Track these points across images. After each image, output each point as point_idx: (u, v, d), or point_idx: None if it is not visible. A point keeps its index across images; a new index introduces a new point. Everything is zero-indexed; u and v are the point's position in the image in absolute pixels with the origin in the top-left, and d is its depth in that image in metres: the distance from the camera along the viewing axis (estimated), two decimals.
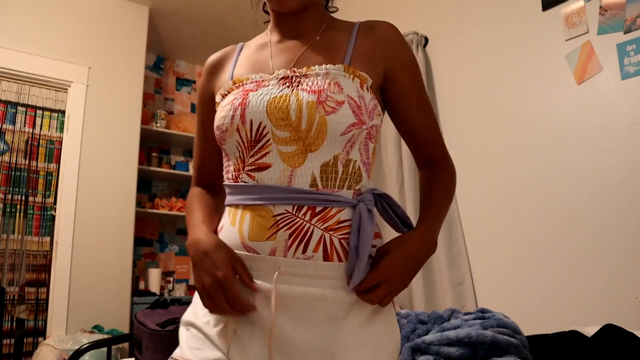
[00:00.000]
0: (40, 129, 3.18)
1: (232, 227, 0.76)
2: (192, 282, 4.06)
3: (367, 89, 0.78)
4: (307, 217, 0.71)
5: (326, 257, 0.71)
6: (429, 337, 1.13)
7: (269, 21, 0.93)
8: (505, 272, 2.04)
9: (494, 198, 2.13)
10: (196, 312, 0.79)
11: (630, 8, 1.72)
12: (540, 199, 1.94)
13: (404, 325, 1.37)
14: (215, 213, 0.86)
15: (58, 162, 3.15)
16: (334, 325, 0.71)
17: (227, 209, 0.80)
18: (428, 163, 0.89)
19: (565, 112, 1.90)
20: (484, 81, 2.24)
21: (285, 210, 0.71)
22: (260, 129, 0.74)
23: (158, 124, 3.92)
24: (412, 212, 2.38)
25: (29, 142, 3.14)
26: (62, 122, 3.18)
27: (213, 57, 0.94)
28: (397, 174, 2.51)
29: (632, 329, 1.28)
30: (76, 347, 1.85)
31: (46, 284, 3.02)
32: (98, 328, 2.86)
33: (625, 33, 1.73)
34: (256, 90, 0.78)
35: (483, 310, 1.37)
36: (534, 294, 1.91)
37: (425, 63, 2.48)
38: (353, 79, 0.77)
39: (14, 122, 3.10)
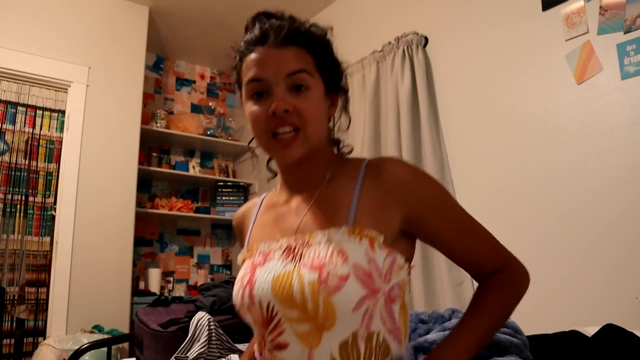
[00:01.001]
0: (40, 129, 3.18)
1: None
2: (192, 282, 4.06)
3: (379, 246, 0.71)
4: None
5: None
6: (431, 336, 1.13)
7: (274, 177, 0.92)
8: None
9: (493, 198, 2.13)
10: None
11: (630, 8, 1.72)
12: (540, 199, 1.94)
13: None
14: None
15: (58, 162, 3.14)
16: None
17: None
18: (485, 278, 0.82)
19: (565, 112, 1.90)
20: (484, 81, 2.24)
21: None
22: (270, 308, 0.73)
23: (158, 124, 3.92)
24: None
25: (29, 142, 3.14)
26: (62, 122, 3.18)
27: (237, 216, 0.98)
28: None
29: (632, 329, 1.28)
30: (76, 347, 1.85)
31: (46, 284, 3.02)
32: (98, 328, 2.86)
33: (625, 33, 1.73)
34: (263, 264, 0.77)
35: None
36: (534, 294, 1.90)
37: (425, 63, 2.48)
38: (360, 240, 0.70)
39: (14, 122, 3.10)
